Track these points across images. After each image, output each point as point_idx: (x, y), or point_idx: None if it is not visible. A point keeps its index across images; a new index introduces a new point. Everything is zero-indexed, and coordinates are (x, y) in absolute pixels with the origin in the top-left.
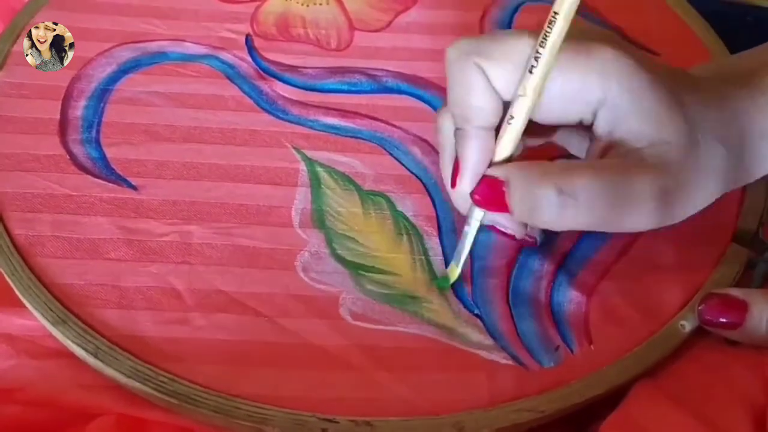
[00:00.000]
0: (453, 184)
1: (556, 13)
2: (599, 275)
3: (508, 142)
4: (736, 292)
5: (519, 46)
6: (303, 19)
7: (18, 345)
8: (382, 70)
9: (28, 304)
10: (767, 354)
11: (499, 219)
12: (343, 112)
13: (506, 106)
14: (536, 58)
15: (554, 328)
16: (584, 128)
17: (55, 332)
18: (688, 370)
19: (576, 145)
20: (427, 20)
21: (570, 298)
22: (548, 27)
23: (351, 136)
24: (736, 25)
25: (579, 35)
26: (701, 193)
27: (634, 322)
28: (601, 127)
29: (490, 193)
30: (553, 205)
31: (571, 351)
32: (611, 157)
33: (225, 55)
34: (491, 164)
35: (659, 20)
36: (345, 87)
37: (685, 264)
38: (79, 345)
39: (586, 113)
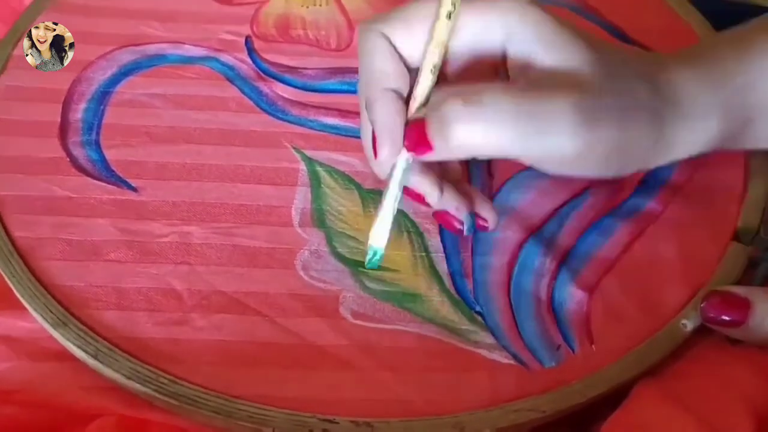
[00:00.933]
0: (375, 155)
1: None
2: (601, 273)
3: (423, 90)
4: (738, 290)
5: (422, 10)
6: (303, 20)
7: (18, 347)
8: None
9: (28, 306)
10: None
11: (414, 180)
12: (343, 112)
13: (412, 73)
14: (454, 4)
15: (555, 327)
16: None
17: (55, 334)
18: (690, 369)
19: None
20: None
21: (571, 297)
22: None
23: (351, 136)
24: (736, 25)
25: None
26: (630, 125)
27: (635, 320)
28: (514, 63)
29: (416, 135)
30: (462, 119)
31: (573, 350)
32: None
33: (225, 57)
34: (412, 114)
35: (659, 20)
36: (345, 87)
37: (687, 262)
38: (79, 347)
39: (493, 50)
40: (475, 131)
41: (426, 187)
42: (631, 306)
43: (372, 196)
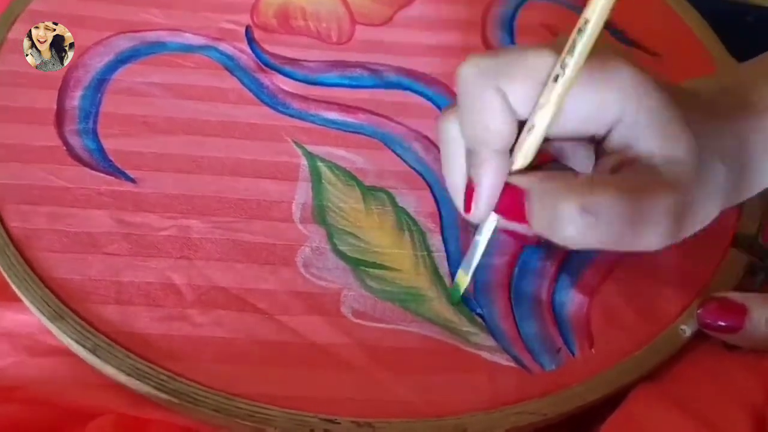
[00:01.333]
0: (468, 209)
1: (587, 20)
2: (601, 276)
3: (528, 152)
4: (734, 296)
5: (540, 62)
6: (303, 11)
7: (17, 342)
8: (383, 64)
9: (24, 299)
10: (767, 357)
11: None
12: (344, 107)
13: (521, 125)
14: (563, 67)
15: (556, 330)
16: (589, 141)
17: (52, 328)
18: (688, 372)
19: (572, 156)
20: (429, 15)
21: (572, 299)
22: (578, 35)
23: (352, 132)
24: (736, 25)
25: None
26: (705, 212)
27: (634, 325)
28: (615, 144)
29: (511, 204)
30: (575, 224)
31: (573, 354)
32: (626, 173)
33: (224, 47)
34: (511, 173)
35: (660, 21)
36: (346, 81)
37: (686, 268)
38: (77, 341)
39: (600, 130)
40: (584, 235)
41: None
42: (630, 310)
43: (373, 192)
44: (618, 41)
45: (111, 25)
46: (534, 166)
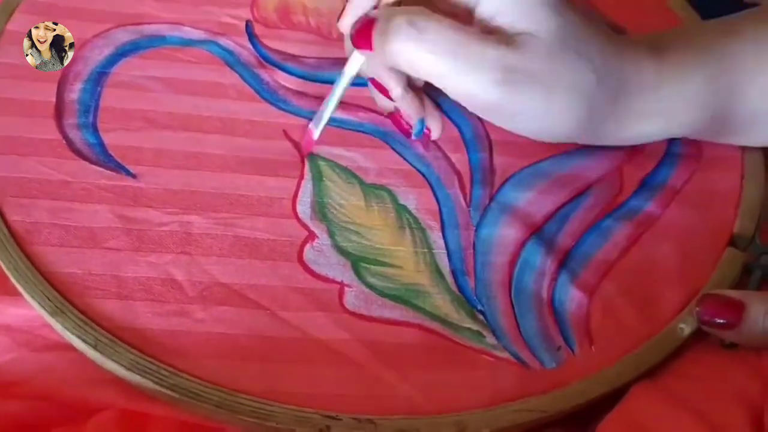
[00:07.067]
0: (338, 18)
1: None
2: (600, 275)
3: None
4: (732, 293)
5: None
6: (304, 7)
7: (17, 337)
8: None
9: (24, 294)
10: (765, 355)
11: (383, 74)
12: (345, 105)
13: None
14: None
15: (556, 327)
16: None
17: (53, 322)
18: (687, 370)
19: None
20: None
21: (572, 298)
22: None
23: (353, 130)
24: None
25: None
26: (552, 99)
27: (634, 323)
28: (483, 14)
29: (363, 30)
30: (400, 35)
31: (572, 351)
32: None
33: (225, 41)
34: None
35: (658, 19)
36: None
37: (684, 267)
38: (77, 336)
39: None
40: (408, 49)
41: (392, 82)
42: (629, 309)
43: (374, 190)
44: None
45: (110, 17)
46: None
